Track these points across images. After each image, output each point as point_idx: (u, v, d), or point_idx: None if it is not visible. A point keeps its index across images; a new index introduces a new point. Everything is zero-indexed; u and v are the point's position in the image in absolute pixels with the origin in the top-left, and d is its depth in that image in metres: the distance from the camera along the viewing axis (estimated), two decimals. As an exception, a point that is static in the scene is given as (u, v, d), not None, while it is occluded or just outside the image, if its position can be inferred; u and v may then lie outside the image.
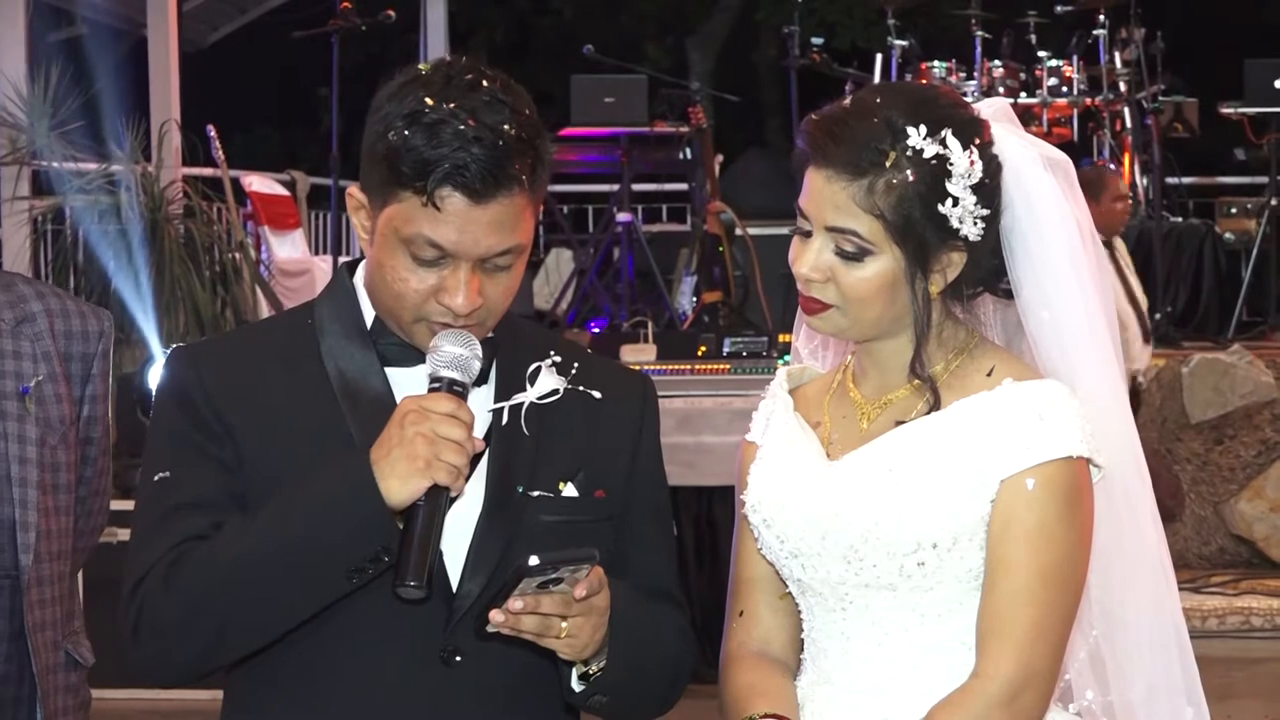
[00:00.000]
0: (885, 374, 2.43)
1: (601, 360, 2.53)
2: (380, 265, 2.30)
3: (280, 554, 2.21)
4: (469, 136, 2.22)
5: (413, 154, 2.23)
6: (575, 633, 2.21)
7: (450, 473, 2.18)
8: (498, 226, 2.25)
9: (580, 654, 2.25)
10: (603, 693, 2.31)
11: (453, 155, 2.22)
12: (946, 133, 2.33)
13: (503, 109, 2.25)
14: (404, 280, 2.28)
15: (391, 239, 2.27)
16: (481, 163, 2.22)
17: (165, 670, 2.31)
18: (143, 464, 2.39)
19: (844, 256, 2.34)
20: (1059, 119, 10.49)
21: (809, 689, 2.43)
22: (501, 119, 2.25)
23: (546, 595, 2.18)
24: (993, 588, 2.31)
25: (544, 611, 2.18)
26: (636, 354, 7.12)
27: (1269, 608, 7.71)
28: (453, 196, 2.23)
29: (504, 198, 2.24)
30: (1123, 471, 2.41)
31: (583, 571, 2.18)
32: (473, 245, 2.25)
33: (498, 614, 2.17)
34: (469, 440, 2.20)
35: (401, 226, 2.26)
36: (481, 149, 2.22)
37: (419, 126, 2.24)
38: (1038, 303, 2.41)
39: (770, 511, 2.43)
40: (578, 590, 2.18)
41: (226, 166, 8.52)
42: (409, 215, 2.25)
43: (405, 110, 2.25)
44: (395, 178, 2.25)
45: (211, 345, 2.47)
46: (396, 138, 2.24)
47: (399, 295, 2.29)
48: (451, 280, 2.26)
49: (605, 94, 9.88)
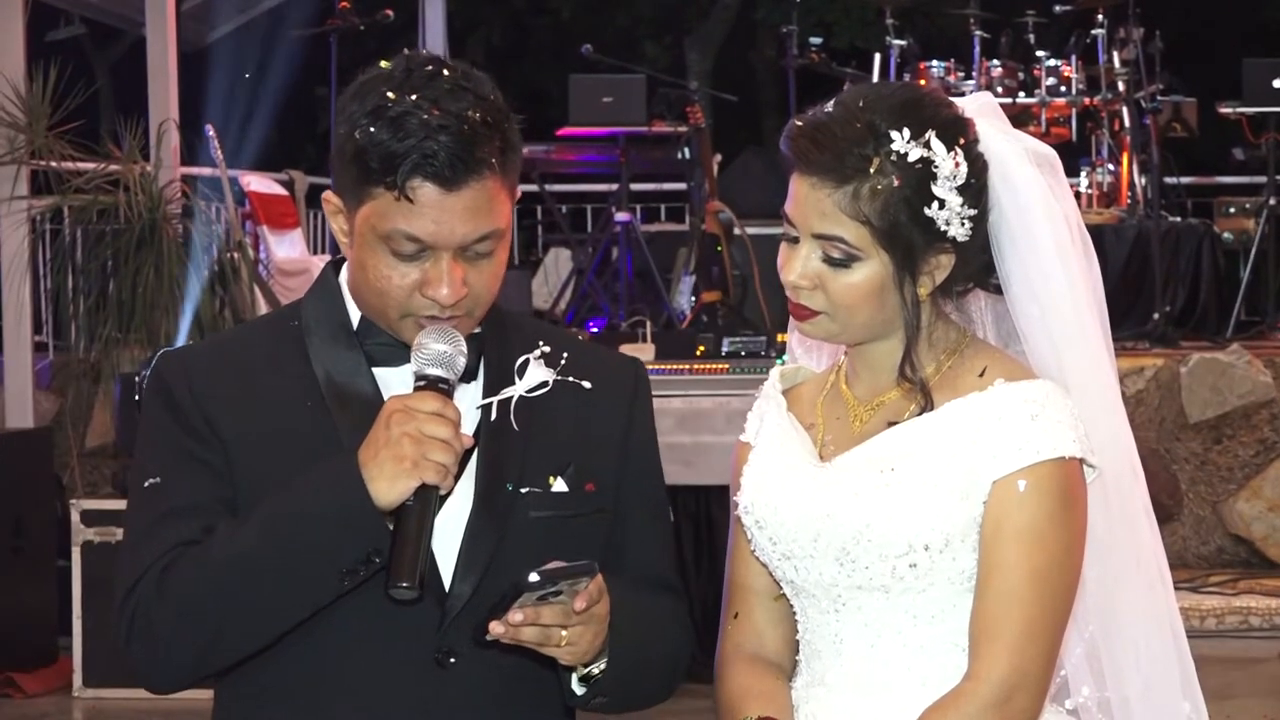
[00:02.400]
0: (877, 375, 2.42)
1: (592, 347, 2.52)
2: (362, 266, 2.30)
3: (272, 557, 2.21)
4: (434, 125, 2.22)
5: (379, 149, 2.23)
6: (576, 640, 2.22)
7: (438, 471, 2.18)
8: (473, 213, 2.25)
9: (581, 660, 2.25)
10: (604, 694, 2.31)
11: (420, 145, 2.22)
12: (930, 135, 2.32)
13: (465, 95, 2.25)
14: (386, 278, 2.27)
15: (370, 238, 2.27)
16: (449, 150, 2.22)
17: (159, 676, 2.31)
18: (131, 470, 2.38)
19: (831, 263, 2.34)
20: (1057, 119, 10.48)
21: (803, 690, 2.43)
22: (465, 105, 2.24)
23: (546, 606, 2.17)
24: (985, 589, 2.31)
25: (544, 623, 2.18)
26: (635, 354, 7.11)
27: (1267, 607, 7.71)
28: (424, 186, 2.23)
29: (475, 183, 2.24)
30: (1115, 466, 2.41)
31: (582, 584, 2.18)
32: (449, 234, 2.25)
33: (497, 625, 2.17)
34: (456, 438, 2.20)
35: (378, 224, 2.26)
36: (448, 136, 2.22)
37: (383, 121, 2.23)
38: (1027, 298, 2.41)
39: (763, 513, 2.42)
40: (577, 603, 2.18)
41: (225, 166, 8.52)
42: (384, 211, 2.25)
43: (369, 107, 2.25)
44: (365, 175, 2.25)
45: (198, 349, 2.47)
46: (362, 135, 2.25)
47: (383, 293, 2.28)
48: (434, 272, 2.26)
49: (603, 94, 9.88)
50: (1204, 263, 10.11)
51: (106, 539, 6.72)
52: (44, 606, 7.13)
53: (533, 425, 2.36)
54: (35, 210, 8.06)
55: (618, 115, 9.78)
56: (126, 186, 7.67)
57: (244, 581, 2.22)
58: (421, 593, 2.19)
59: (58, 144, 7.73)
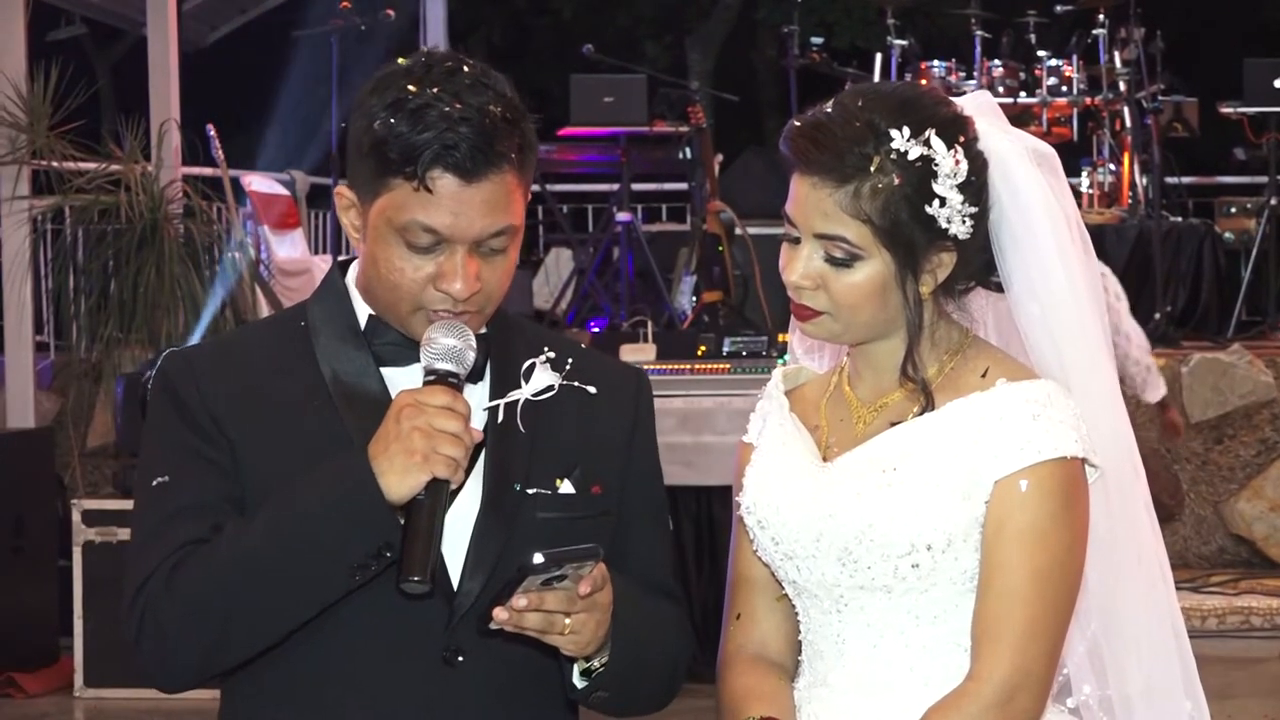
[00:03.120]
0: (880, 376, 2.42)
1: (596, 355, 2.53)
2: (375, 259, 2.30)
3: (282, 553, 2.21)
4: (455, 117, 2.23)
5: (400, 140, 2.23)
6: (579, 629, 2.21)
7: (448, 465, 2.18)
8: (491, 206, 2.25)
9: (583, 650, 2.25)
10: (605, 688, 2.31)
11: (441, 136, 2.22)
12: (930, 133, 2.32)
13: (486, 91, 2.26)
14: (400, 270, 2.27)
15: (385, 230, 2.27)
16: (470, 141, 2.22)
17: (168, 675, 2.31)
18: (139, 469, 2.38)
19: (833, 263, 2.34)
20: (1059, 118, 10.49)
21: (805, 691, 2.43)
22: (486, 100, 2.25)
23: (550, 592, 2.17)
24: (987, 589, 2.31)
25: (548, 609, 2.18)
26: (636, 354, 7.11)
27: (1269, 607, 7.71)
28: (444, 177, 2.23)
29: (494, 176, 2.24)
30: (1116, 464, 2.41)
31: (586, 568, 2.18)
32: (467, 227, 2.25)
33: (501, 611, 2.17)
34: (466, 431, 2.20)
35: (394, 215, 2.25)
36: (469, 128, 2.22)
37: (404, 113, 2.24)
38: (1027, 296, 2.41)
39: (765, 513, 2.42)
40: (582, 587, 2.18)
41: (226, 166, 8.51)
42: (401, 202, 2.25)
43: (389, 100, 2.26)
44: (384, 167, 2.25)
45: (204, 349, 2.46)
46: (382, 127, 2.24)
47: (395, 286, 2.28)
48: (448, 265, 2.26)
49: (605, 94, 9.89)
50: (1205, 263, 10.12)
51: (107, 539, 6.72)
52: (45, 606, 7.14)
53: (539, 428, 2.36)
54: (36, 210, 8.07)
55: (619, 115, 9.79)
56: (128, 186, 7.68)
57: (252, 579, 2.22)
58: (433, 587, 2.19)
59: (59, 144, 7.73)
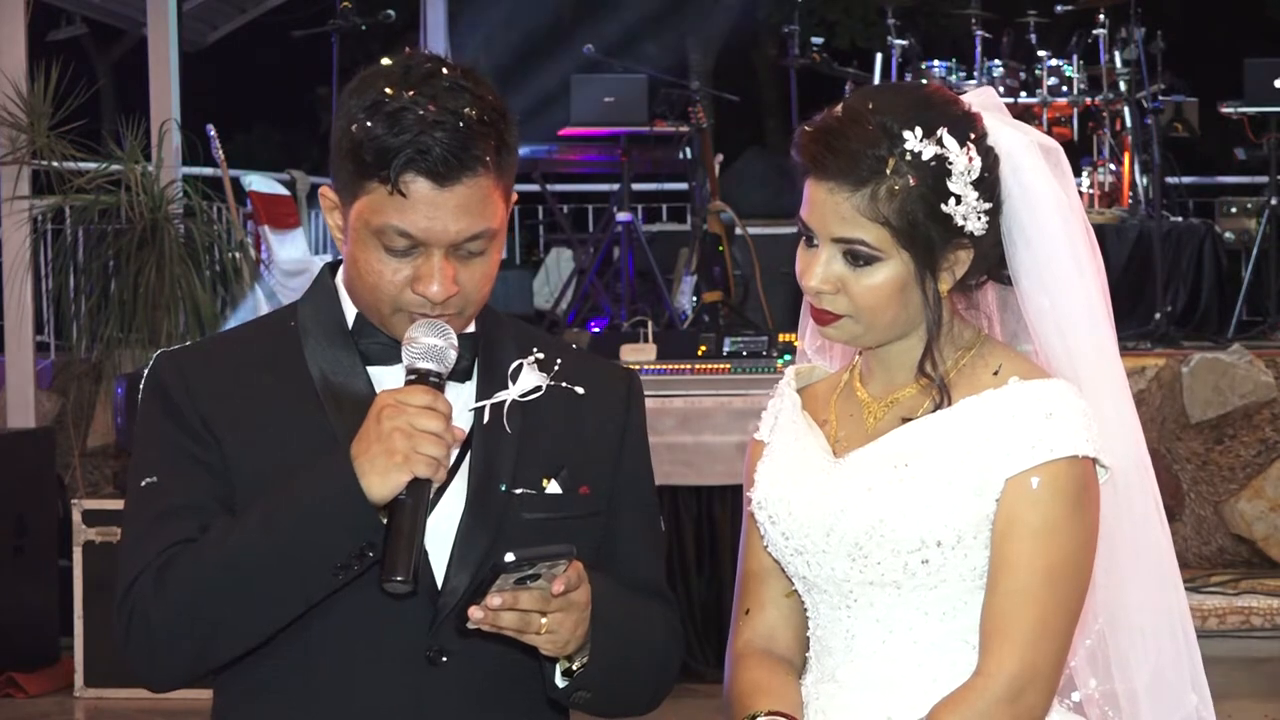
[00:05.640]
0: (892, 373, 2.43)
1: (586, 356, 2.53)
2: (355, 261, 2.31)
3: (266, 553, 2.21)
4: (429, 121, 2.23)
5: (375, 143, 2.24)
6: (555, 628, 2.22)
7: (429, 465, 2.19)
8: (465, 210, 2.26)
9: (562, 649, 2.25)
10: (586, 688, 2.31)
11: (415, 140, 2.22)
12: (942, 132, 2.33)
13: (463, 94, 2.26)
14: (378, 273, 2.28)
15: (363, 232, 2.28)
16: (444, 145, 2.23)
17: (157, 674, 2.32)
18: (130, 469, 2.39)
19: (853, 266, 2.35)
20: (1059, 118, 10.48)
21: (813, 686, 2.43)
22: (463, 103, 2.25)
23: (525, 591, 2.18)
24: (996, 586, 2.31)
25: (522, 608, 2.18)
26: (636, 354, 7.11)
27: (1269, 607, 7.71)
28: (417, 181, 2.24)
29: (469, 180, 2.25)
30: (1125, 457, 2.42)
31: (560, 567, 2.19)
32: (441, 231, 2.25)
33: (476, 610, 2.17)
34: (447, 430, 2.21)
35: (371, 218, 2.26)
36: (443, 132, 2.23)
37: (380, 116, 2.24)
38: (1037, 290, 2.42)
39: (776, 508, 2.43)
40: (555, 586, 2.18)
41: (226, 166, 8.52)
42: (377, 206, 2.26)
43: (366, 102, 2.26)
44: (361, 170, 2.26)
45: (195, 350, 2.47)
46: (359, 130, 2.25)
47: (374, 288, 2.29)
48: (425, 268, 2.27)
49: (605, 94, 9.88)
50: (1205, 263, 10.11)
51: (108, 539, 6.72)
52: (45, 606, 7.14)
53: (526, 429, 2.37)
54: (37, 210, 8.06)
55: (619, 115, 9.78)
56: (128, 186, 7.67)
57: (238, 578, 2.22)
58: (415, 586, 2.19)
59: (59, 144, 7.73)
